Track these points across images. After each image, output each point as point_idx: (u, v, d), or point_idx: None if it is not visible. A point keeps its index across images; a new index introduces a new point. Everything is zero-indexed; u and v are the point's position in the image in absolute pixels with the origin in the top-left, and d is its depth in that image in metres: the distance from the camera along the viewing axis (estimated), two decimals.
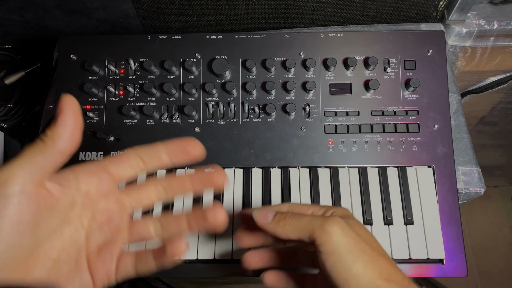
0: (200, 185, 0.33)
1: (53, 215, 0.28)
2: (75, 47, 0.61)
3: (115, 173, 0.31)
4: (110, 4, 0.64)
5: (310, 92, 0.59)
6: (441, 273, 0.54)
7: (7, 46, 0.77)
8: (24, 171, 0.26)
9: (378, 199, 0.56)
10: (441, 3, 0.65)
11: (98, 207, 0.31)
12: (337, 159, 0.58)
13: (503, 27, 0.66)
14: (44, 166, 0.27)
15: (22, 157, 0.26)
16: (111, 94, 0.60)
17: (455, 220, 0.55)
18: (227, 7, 0.66)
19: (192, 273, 0.54)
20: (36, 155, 0.26)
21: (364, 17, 0.70)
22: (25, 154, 0.26)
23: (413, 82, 0.58)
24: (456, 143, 0.63)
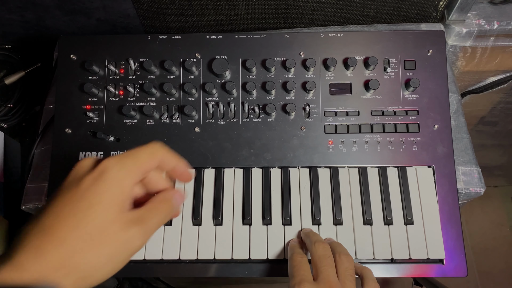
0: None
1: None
2: (75, 47, 0.61)
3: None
4: (110, 4, 0.64)
5: (310, 92, 0.59)
6: (441, 273, 0.54)
7: (7, 46, 0.77)
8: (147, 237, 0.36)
9: (378, 199, 0.56)
10: (441, 3, 0.65)
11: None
12: (337, 159, 0.58)
13: (503, 27, 0.66)
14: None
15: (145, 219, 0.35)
16: (111, 94, 0.60)
17: (455, 220, 0.55)
18: (227, 7, 0.66)
19: (192, 273, 0.54)
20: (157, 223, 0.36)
21: (364, 17, 0.70)
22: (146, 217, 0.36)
23: (413, 82, 0.58)
24: (456, 143, 0.63)
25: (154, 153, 0.37)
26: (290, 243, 0.53)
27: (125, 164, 0.34)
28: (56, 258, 0.30)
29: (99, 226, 0.32)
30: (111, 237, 0.32)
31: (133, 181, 0.35)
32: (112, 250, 0.32)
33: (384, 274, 0.54)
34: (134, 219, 0.34)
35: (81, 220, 0.32)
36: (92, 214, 0.32)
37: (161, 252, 0.54)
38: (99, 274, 0.32)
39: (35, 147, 0.66)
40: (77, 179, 0.34)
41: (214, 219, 0.56)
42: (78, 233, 0.31)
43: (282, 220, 0.55)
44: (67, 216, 0.32)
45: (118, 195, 0.33)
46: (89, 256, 0.31)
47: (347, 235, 0.54)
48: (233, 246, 0.54)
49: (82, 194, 0.33)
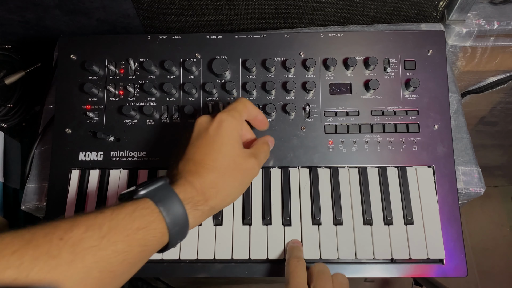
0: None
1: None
2: (75, 47, 0.61)
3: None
4: (110, 4, 0.64)
5: (310, 92, 0.59)
6: (441, 273, 0.54)
7: (7, 46, 0.77)
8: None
9: (378, 199, 0.56)
10: (441, 3, 0.65)
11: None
12: (337, 159, 0.58)
13: (503, 27, 0.66)
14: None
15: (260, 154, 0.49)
16: (111, 94, 0.60)
17: (455, 220, 0.55)
18: (227, 7, 0.66)
19: (192, 273, 0.54)
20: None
21: (364, 17, 0.70)
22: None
23: (413, 82, 0.58)
24: (456, 143, 0.63)
25: (247, 104, 0.49)
26: (288, 245, 0.53)
27: (234, 115, 0.46)
28: (210, 179, 0.42)
29: (231, 158, 0.44)
30: (240, 166, 0.45)
31: (241, 126, 0.48)
32: (242, 176, 0.45)
33: (384, 274, 0.54)
34: (250, 154, 0.47)
35: (219, 155, 0.43)
36: (225, 150, 0.44)
37: None
38: (234, 195, 0.46)
39: (35, 147, 0.66)
40: (203, 129, 0.45)
41: (214, 219, 0.56)
42: (220, 164, 0.43)
43: (282, 220, 0.55)
44: (208, 153, 0.43)
45: (236, 136, 0.46)
46: (229, 180, 0.43)
47: (347, 235, 0.54)
48: (233, 246, 0.54)
49: (212, 138, 0.44)
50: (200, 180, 0.42)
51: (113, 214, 0.35)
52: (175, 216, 0.38)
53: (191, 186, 0.41)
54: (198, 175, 0.42)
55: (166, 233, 0.38)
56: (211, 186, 0.42)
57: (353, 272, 0.54)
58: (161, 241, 0.38)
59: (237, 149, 0.45)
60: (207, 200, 0.42)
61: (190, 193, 0.40)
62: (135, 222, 0.35)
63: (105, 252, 0.33)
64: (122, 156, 0.58)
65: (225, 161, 0.43)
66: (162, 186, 0.40)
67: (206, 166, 0.42)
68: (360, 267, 0.54)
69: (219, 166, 0.43)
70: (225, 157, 0.43)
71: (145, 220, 0.36)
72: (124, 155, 0.58)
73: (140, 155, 0.58)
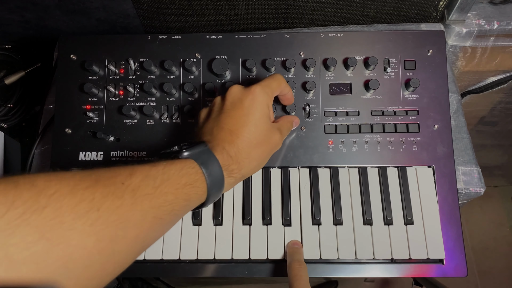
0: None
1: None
2: (75, 47, 0.61)
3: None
4: (110, 4, 0.64)
5: (310, 92, 0.59)
6: (441, 273, 0.54)
7: (7, 46, 0.77)
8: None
9: (378, 199, 0.56)
10: (441, 3, 0.65)
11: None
12: (337, 159, 0.58)
13: (503, 27, 0.66)
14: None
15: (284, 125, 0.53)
16: (111, 94, 0.60)
17: (455, 220, 0.55)
18: (227, 7, 0.66)
19: (192, 273, 0.54)
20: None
21: (364, 17, 0.70)
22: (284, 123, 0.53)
23: (413, 82, 0.58)
24: (456, 143, 0.63)
25: (281, 83, 0.51)
26: (288, 249, 0.53)
27: (267, 91, 0.48)
28: (245, 150, 0.45)
29: (264, 132, 0.47)
30: (270, 139, 0.49)
31: (271, 101, 0.50)
32: (269, 148, 0.49)
33: (384, 274, 0.54)
34: (277, 128, 0.51)
35: (254, 127, 0.46)
36: (259, 124, 0.47)
37: (161, 252, 0.54)
38: (261, 165, 0.50)
39: (35, 147, 0.66)
40: (237, 100, 0.48)
41: (214, 219, 0.56)
42: (254, 136, 0.46)
43: (282, 220, 0.55)
44: (244, 125, 0.46)
45: (267, 111, 0.48)
46: (260, 151, 0.47)
47: (347, 235, 0.54)
48: (233, 246, 0.54)
49: (248, 111, 0.47)
50: (235, 149, 0.45)
51: (165, 168, 0.39)
52: (214, 179, 0.42)
53: (227, 154, 0.44)
54: (234, 144, 0.45)
55: (205, 192, 0.42)
56: (245, 156, 0.45)
57: (353, 272, 0.54)
58: (201, 198, 0.42)
59: (268, 123, 0.48)
60: (241, 169, 0.45)
61: (227, 160, 0.44)
62: (183, 178, 0.39)
63: (158, 200, 0.37)
64: (122, 156, 0.58)
65: (258, 134, 0.47)
66: (204, 150, 0.43)
67: (242, 137, 0.45)
68: (360, 267, 0.54)
69: (253, 138, 0.46)
70: (258, 130, 0.47)
71: (191, 178, 0.40)
72: (124, 155, 0.58)
73: (140, 155, 0.58)
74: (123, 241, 0.33)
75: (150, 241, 0.38)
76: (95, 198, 0.32)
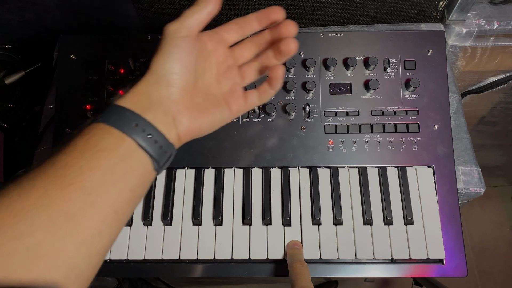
0: (277, 35, 0.42)
1: (202, 59, 0.40)
2: (75, 47, 0.61)
3: (226, 38, 0.42)
4: (110, 4, 0.64)
5: (310, 92, 0.59)
6: (441, 273, 0.54)
7: (7, 46, 0.77)
8: (184, 25, 0.37)
9: (378, 199, 0.56)
10: (441, 3, 0.65)
11: (219, 61, 0.42)
12: (337, 159, 0.58)
13: (503, 27, 0.66)
14: (196, 24, 0.37)
15: (182, 18, 0.37)
16: (111, 94, 0.60)
17: (455, 220, 0.55)
18: (227, 7, 0.66)
19: (192, 273, 0.54)
20: (189, 17, 0.37)
21: (364, 17, 0.70)
22: (183, 16, 0.37)
23: (413, 82, 0.58)
24: (456, 143, 0.63)
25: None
26: (288, 250, 0.53)
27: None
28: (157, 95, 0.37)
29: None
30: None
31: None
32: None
33: (384, 274, 0.54)
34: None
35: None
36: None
37: (161, 252, 0.54)
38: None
39: (35, 147, 0.65)
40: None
41: (214, 219, 0.56)
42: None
43: (282, 220, 0.55)
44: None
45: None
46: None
47: (347, 235, 0.54)
48: (233, 246, 0.54)
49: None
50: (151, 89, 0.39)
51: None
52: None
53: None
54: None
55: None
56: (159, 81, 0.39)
57: (353, 272, 0.54)
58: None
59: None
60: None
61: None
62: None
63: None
64: None
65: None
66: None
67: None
68: (360, 267, 0.54)
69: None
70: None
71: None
72: None
73: None
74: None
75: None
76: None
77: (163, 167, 0.37)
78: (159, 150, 0.35)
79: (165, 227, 0.55)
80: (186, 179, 0.58)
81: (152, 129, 0.35)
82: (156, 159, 0.35)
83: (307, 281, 0.47)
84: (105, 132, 0.33)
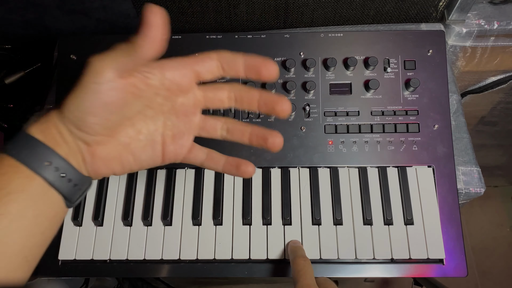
0: (265, 109, 0.35)
1: (138, 101, 0.33)
2: (75, 47, 0.61)
3: (197, 71, 0.34)
4: (110, 4, 0.64)
5: (310, 92, 0.59)
6: (441, 273, 0.54)
7: (7, 46, 0.77)
8: (113, 65, 0.30)
9: (378, 199, 0.56)
10: (441, 3, 0.65)
11: (177, 100, 0.35)
12: (337, 159, 0.58)
13: (503, 27, 0.66)
14: (128, 65, 0.31)
15: (112, 54, 0.31)
16: None
17: (455, 220, 0.55)
18: (227, 7, 0.66)
19: (192, 273, 0.54)
20: (122, 56, 0.31)
21: (364, 17, 0.70)
22: (115, 52, 0.31)
23: (413, 82, 0.58)
24: (456, 143, 0.63)
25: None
26: (290, 246, 0.53)
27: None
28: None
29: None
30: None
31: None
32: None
33: (384, 274, 0.54)
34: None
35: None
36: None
37: (161, 252, 0.54)
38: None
39: None
40: None
41: (214, 219, 0.56)
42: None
43: (282, 220, 0.55)
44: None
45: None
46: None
47: (347, 235, 0.54)
48: (233, 246, 0.54)
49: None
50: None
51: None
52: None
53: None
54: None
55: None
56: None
57: (353, 272, 0.54)
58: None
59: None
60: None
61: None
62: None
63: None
64: None
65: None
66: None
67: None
68: (360, 267, 0.54)
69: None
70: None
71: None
72: None
73: None
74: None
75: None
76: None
77: (77, 202, 0.35)
78: (73, 189, 0.33)
79: (165, 227, 0.55)
80: (186, 179, 0.58)
81: (65, 167, 0.32)
82: (69, 198, 0.33)
83: (310, 277, 0.46)
84: (15, 172, 0.30)
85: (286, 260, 0.54)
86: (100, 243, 0.55)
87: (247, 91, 0.36)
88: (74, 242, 0.55)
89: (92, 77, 0.31)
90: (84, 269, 0.55)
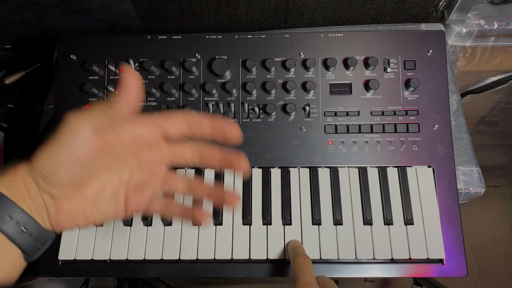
0: (225, 166, 0.38)
1: (107, 156, 0.35)
2: (75, 47, 0.61)
3: (165, 129, 0.37)
4: (110, 4, 0.64)
5: (310, 92, 0.59)
6: (441, 273, 0.54)
7: (7, 46, 0.77)
8: (89, 122, 0.33)
9: (378, 199, 0.56)
10: (441, 3, 0.65)
11: (143, 154, 0.38)
12: (337, 159, 0.58)
13: (503, 27, 0.66)
14: (104, 123, 0.34)
15: (90, 112, 0.34)
16: (111, 94, 0.60)
17: (455, 220, 0.55)
18: (227, 7, 0.66)
19: (192, 273, 0.54)
20: (99, 114, 0.34)
21: (364, 17, 0.70)
22: (93, 111, 0.34)
23: (413, 82, 0.58)
24: (456, 143, 0.63)
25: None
26: (290, 244, 0.53)
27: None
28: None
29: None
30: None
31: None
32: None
33: (384, 274, 0.54)
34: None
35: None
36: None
37: (161, 252, 0.54)
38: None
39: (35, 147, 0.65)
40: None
41: (214, 219, 0.56)
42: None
43: (282, 220, 0.55)
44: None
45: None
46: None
47: (347, 235, 0.54)
48: (233, 246, 0.54)
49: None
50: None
51: None
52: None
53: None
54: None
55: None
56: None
57: (353, 272, 0.54)
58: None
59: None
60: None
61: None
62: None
63: None
64: None
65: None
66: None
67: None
68: (360, 267, 0.54)
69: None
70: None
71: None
72: None
73: None
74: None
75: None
76: None
77: (36, 256, 0.34)
78: (34, 243, 0.33)
79: (165, 227, 0.55)
80: None
81: (27, 221, 0.32)
82: (29, 253, 0.33)
83: (310, 275, 0.46)
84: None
85: (286, 260, 0.54)
86: (100, 243, 0.55)
87: (209, 150, 0.39)
88: (74, 242, 0.55)
89: (68, 133, 0.33)
90: (84, 269, 0.55)
